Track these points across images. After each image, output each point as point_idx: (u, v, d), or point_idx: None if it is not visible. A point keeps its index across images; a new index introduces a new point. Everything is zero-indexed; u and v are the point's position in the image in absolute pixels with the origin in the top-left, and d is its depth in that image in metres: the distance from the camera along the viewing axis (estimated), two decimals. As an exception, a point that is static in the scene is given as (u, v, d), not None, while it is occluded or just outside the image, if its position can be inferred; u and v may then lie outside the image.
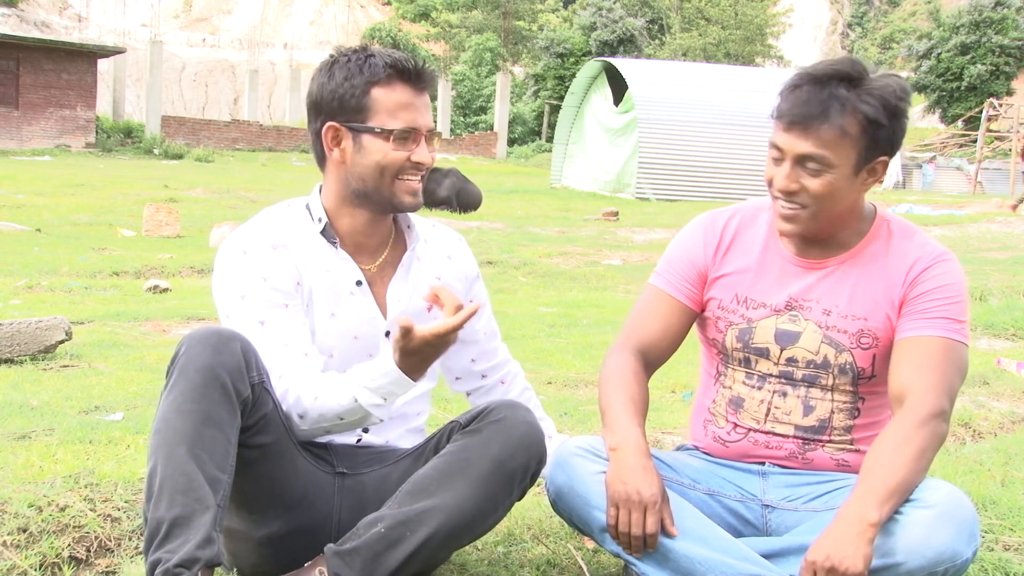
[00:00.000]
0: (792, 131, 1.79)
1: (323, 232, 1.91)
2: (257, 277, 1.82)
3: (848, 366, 1.91)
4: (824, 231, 1.90)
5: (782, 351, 1.94)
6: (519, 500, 1.85)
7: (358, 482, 1.90)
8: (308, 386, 1.79)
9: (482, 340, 2.13)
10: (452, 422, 1.87)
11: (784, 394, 1.95)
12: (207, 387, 1.64)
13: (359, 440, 1.97)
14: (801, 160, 1.80)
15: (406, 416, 2.03)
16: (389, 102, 1.84)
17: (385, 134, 1.84)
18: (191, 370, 1.65)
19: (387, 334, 1.94)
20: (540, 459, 1.79)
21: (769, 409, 1.96)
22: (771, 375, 1.96)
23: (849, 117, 1.76)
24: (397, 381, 1.75)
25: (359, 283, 1.92)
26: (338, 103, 1.84)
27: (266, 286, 1.81)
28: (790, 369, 1.94)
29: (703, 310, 2.03)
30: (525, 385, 2.26)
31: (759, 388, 1.97)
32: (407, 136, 1.85)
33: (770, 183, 1.86)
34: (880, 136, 1.79)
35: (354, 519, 1.84)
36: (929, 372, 1.78)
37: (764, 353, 1.96)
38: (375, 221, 1.95)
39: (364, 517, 1.80)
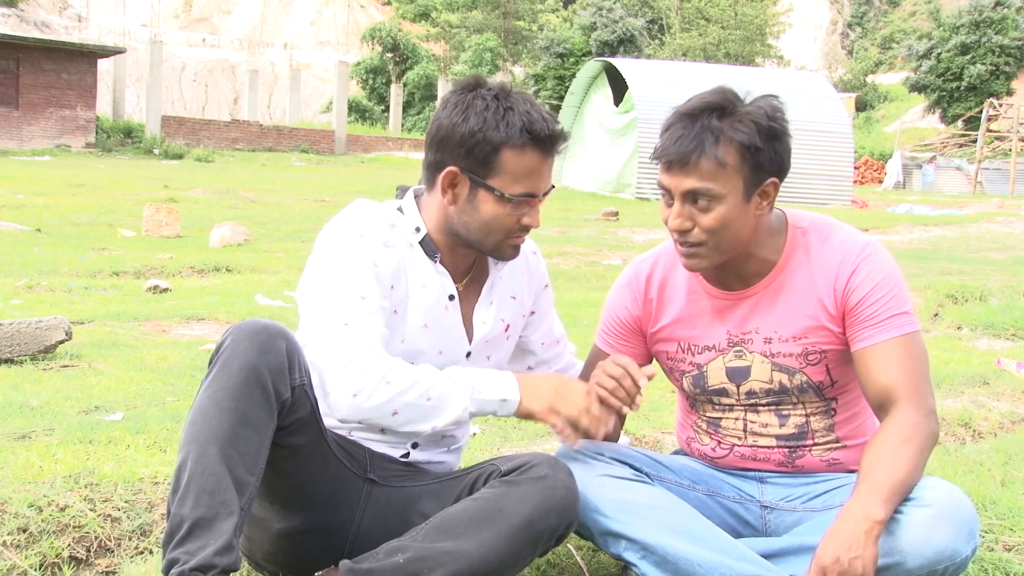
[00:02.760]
0: (672, 170, 1.79)
1: (422, 243, 1.89)
2: (368, 261, 1.79)
3: (806, 384, 1.90)
4: (734, 260, 1.88)
5: (739, 387, 1.95)
6: (539, 558, 1.84)
7: (385, 493, 1.89)
8: (399, 368, 1.72)
9: (539, 350, 2.12)
10: (492, 466, 1.83)
11: (756, 411, 1.96)
12: (247, 385, 1.63)
13: (406, 455, 1.96)
14: (688, 197, 1.79)
15: (455, 437, 2.03)
16: (517, 167, 1.79)
17: (504, 199, 1.81)
18: (234, 366, 1.64)
19: (468, 355, 1.94)
20: (571, 524, 1.76)
21: (746, 425, 1.97)
22: (737, 405, 1.97)
23: (724, 147, 1.75)
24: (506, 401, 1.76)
25: (452, 298, 1.91)
26: (465, 151, 1.78)
27: (373, 272, 1.79)
28: (752, 401, 1.95)
29: (653, 358, 2.06)
30: None
31: (731, 410, 1.99)
32: (524, 201, 1.83)
33: (666, 223, 1.86)
34: (762, 160, 1.77)
35: (373, 528, 1.84)
36: (904, 374, 1.78)
37: (723, 392, 1.97)
38: (468, 252, 1.94)
39: (383, 529, 1.82)
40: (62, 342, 4.08)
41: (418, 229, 1.89)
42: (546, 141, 1.80)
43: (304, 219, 12.87)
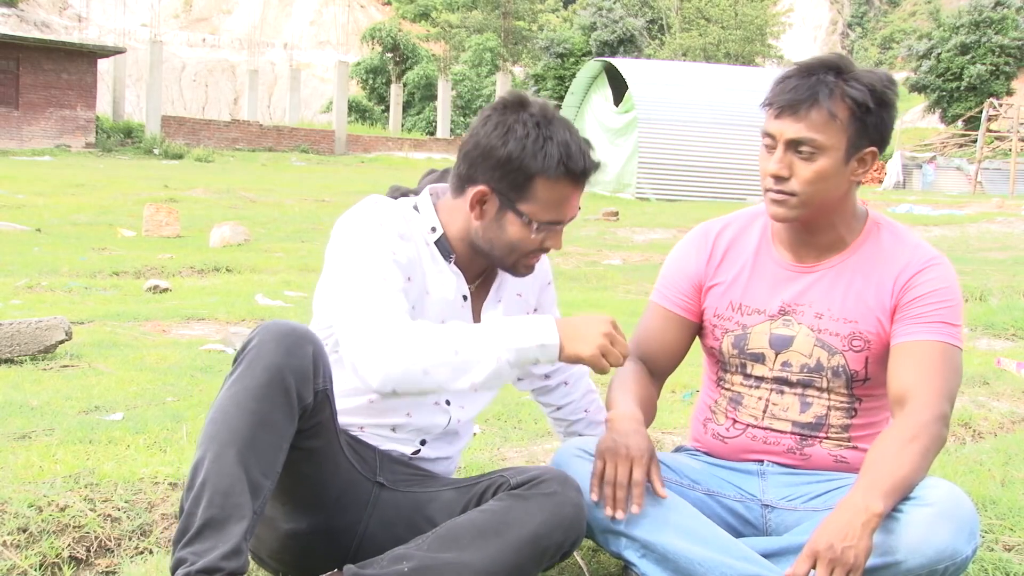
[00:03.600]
0: (783, 116, 1.82)
1: (438, 243, 1.88)
2: (387, 249, 1.78)
3: (841, 369, 1.91)
4: (815, 223, 1.90)
5: (777, 355, 1.95)
6: (544, 572, 1.83)
7: (393, 498, 1.88)
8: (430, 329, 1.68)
9: None
10: (501, 477, 1.82)
11: (781, 392, 1.97)
12: (271, 388, 1.62)
13: (417, 452, 1.95)
14: (793, 145, 1.82)
15: (459, 434, 2.02)
16: (548, 197, 1.79)
17: (529, 223, 1.80)
18: (259, 367, 1.63)
19: None
20: (576, 540, 1.76)
21: (767, 406, 1.97)
22: (767, 379, 1.97)
23: (838, 101, 1.79)
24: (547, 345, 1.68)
25: (465, 298, 1.91)
26: (500, 174, 1.78)
27: (392, 259, 1.78)
28: (785, 374, 1.95)
29: (702, 319, 2.05)
30: (589, 387, 2.25)
31: (757, 387, 1.99)
32: (550, 227, 1.83)
33: (763, 173, 1.88)
34: (869, 122, 1.81)
35: (379, 532, 1.84)
36: (929, 376, 1.79)
37: (759, 358, 1.97)
38: (485, 262, 1.93)
39: (390, 534, 1.82)
40: (62, 342, 4.08)
41: (434, 229, 1.89)
42: (581, 175, 1.81)
43: (304, 219, 12.88)
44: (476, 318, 1.94)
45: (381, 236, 1.79)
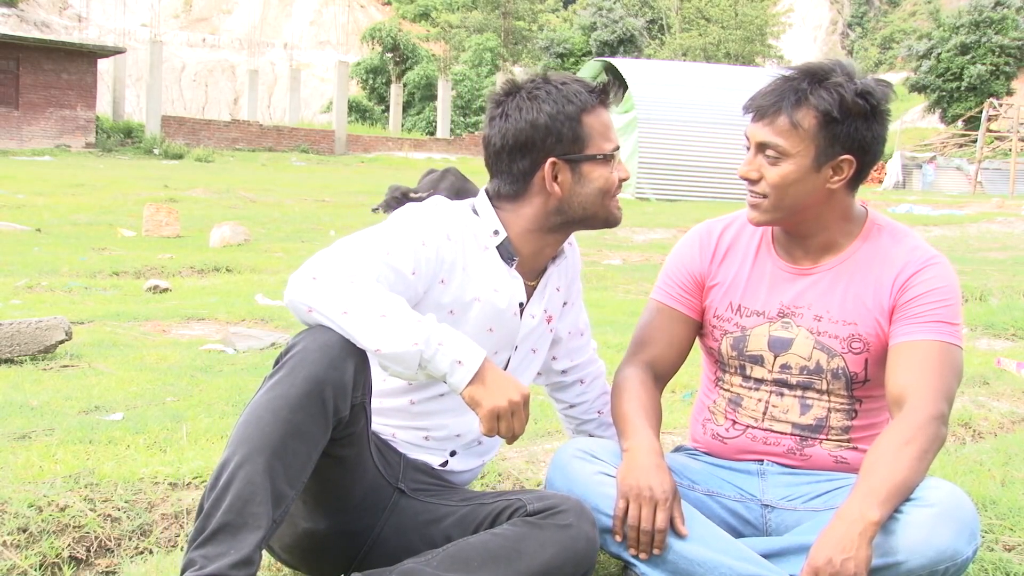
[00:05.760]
0: (754, 120, 1.87)
1: (499, 247, 1.88)
2: (418, 237, 1.77)
3: (841, 371, 1.91)
4: (802, 226, 1.91)
5: (776, 358, 1.95)
6: None
7: (411, 506, 1.88)
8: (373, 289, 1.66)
9: (566, 338, 2.13)
10: (519, 500, 1.81)
11: (781, 395, 1.96)
12: (308, 399, 1.60)
13: (444, 464, 1.94)
14: (761, 148, 1.86)
15: (486, 446, 2.01)
16: (598, 127, 1.87)
17: (605, 159, 1.86)
18: (299, 376, 1.61)
19: (515, 348, 1.94)
20: (586, 574, 1.76)
21: (767, 408, 1.97)
22: (766, 380, 1.97)
23: (803, 110, 1.81)
24: (467, 363, 1.63)
25: (521, 305, 1.91)
26: (555, 138, 1.83)
27: (417, 247, 1.76)
28: (784, 376, 1.95)
29: (703, 318, 2.05)
30: (604, 388, 2.23)
31: (756, 389, 1.99)
32: (613, 156, 1.88)
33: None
34: (838, 132, 1.81)
35: (392, 538, 1.85)
36: (927, 376, 1.78)
37: (759, 360, 1.97)
38: (558, 242, 1.95)
39: (402, 541, 1.82)
40: (62, 342, 4.08)
41: (496, 232, 1.88)
42: (606, 93, 1.90)
43: (304, 219, 12.87)
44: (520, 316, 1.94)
45: (423, 225, 1.79)
